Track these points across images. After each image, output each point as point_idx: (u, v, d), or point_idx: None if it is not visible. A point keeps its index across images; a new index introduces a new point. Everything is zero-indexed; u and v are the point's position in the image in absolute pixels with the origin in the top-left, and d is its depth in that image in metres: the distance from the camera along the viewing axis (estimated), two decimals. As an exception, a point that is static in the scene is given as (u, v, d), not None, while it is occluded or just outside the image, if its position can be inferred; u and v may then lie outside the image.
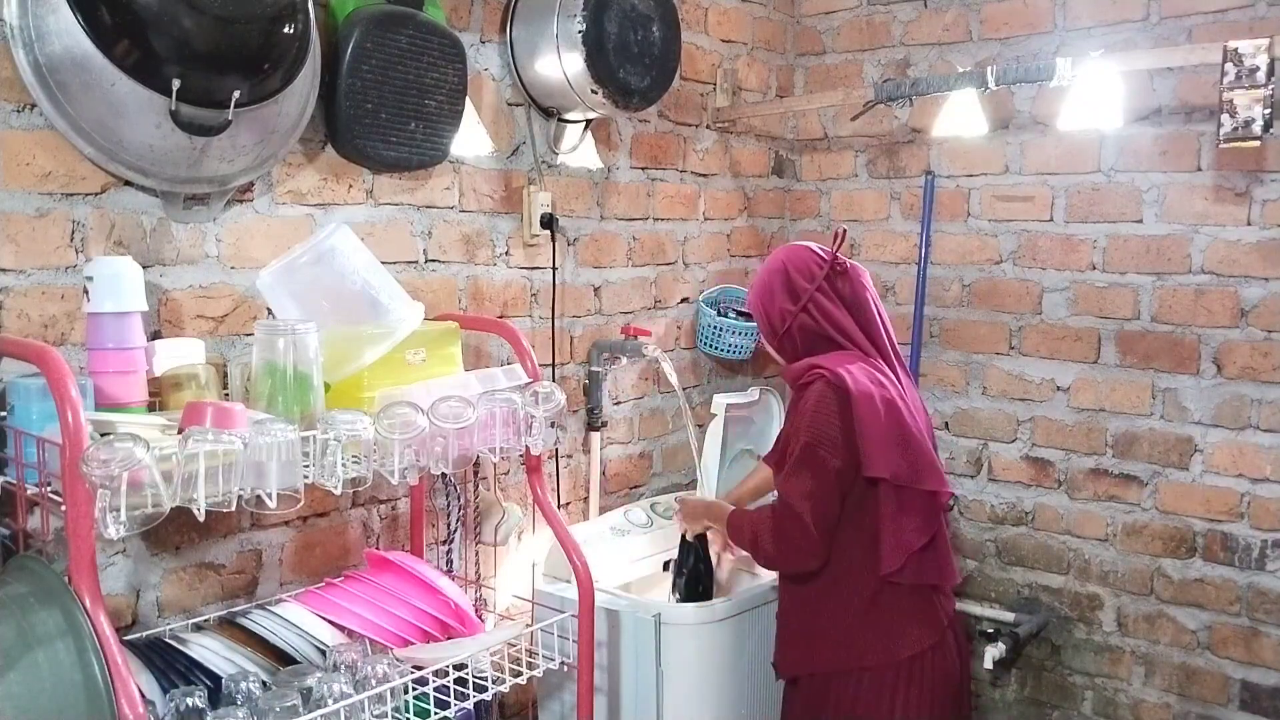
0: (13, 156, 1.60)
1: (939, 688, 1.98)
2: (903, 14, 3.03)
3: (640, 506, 2.63)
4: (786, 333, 2.04)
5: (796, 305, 2.02)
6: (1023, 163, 2.85)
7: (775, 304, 2.04)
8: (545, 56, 2.29)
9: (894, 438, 1.92)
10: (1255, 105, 2.14)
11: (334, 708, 1.53)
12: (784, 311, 2.03)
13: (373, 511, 2.16)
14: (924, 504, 1.95)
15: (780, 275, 2.05)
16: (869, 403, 1.91)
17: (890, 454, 1.91)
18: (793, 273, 2.04)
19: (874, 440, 1.90)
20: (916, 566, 1.95)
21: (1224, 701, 2.62)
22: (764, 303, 2.07)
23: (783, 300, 2.03)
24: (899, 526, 1.93)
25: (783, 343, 2.06)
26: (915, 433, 1.96)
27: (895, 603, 1.96)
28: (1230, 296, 2.55)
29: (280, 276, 1.73)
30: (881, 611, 1.96)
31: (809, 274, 2.03)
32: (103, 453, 1.25)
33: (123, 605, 1.77)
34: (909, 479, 1.93)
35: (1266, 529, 2.54)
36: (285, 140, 1.85)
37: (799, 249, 2.09)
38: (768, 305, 2.06)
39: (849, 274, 2.05)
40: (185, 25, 1.51)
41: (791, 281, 2.03)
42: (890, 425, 1.92)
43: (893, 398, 1.95)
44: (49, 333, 1.65)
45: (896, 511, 1.93)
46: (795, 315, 2.02)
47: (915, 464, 1.94)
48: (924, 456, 1.96)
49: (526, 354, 1.95)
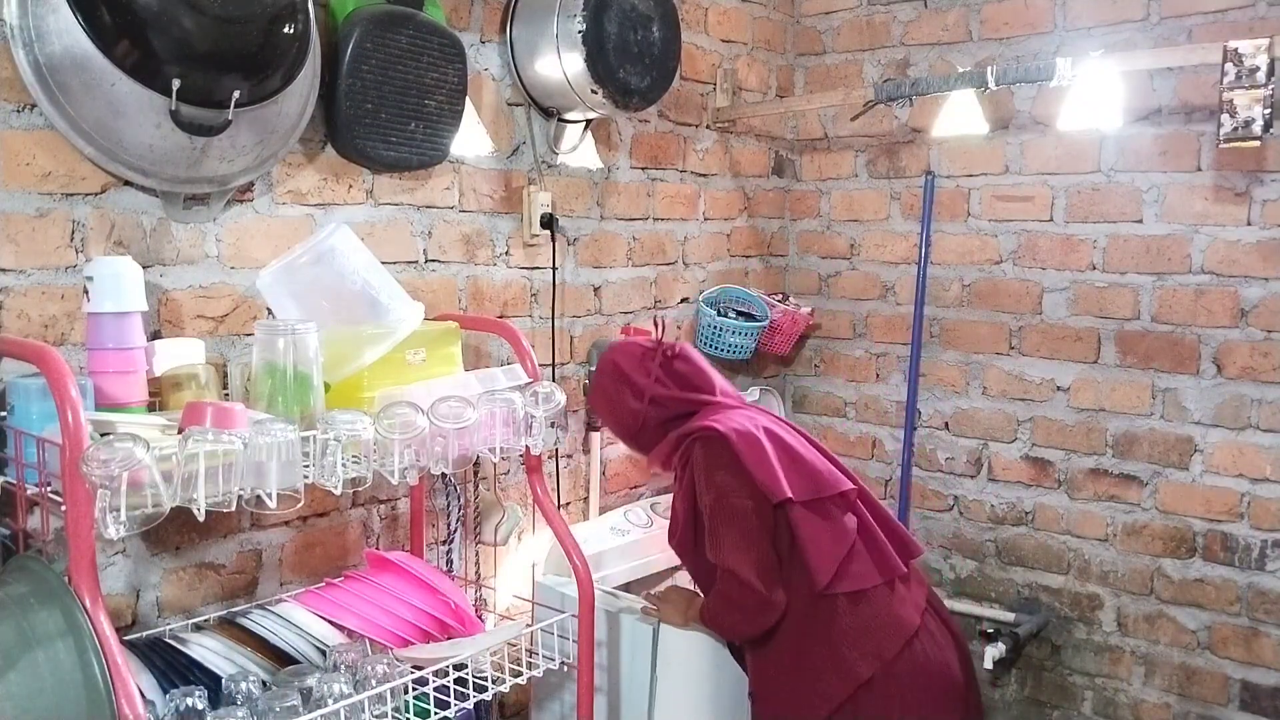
0: (13, 156, 1.60)
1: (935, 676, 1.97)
2: (903, 14, 3.03)
3: (640, 506, 2.63)
4: (642, 428, 2.07)
5: (642, 402, 2.05)
6: (1023, 163, 2.85)
7: (623, 405, 2.08)
8: (545, 56, 2.29)
9: (782, 460, 1.96)
10: (1255, 105, 2.14)
11: (334, 708, 1.53)
12: (632, 411, 2.07)
13: (373, 511, 2.16)
14: (834, 509, 1.97)
15: (616, 378, 2.09)
16: (747, 437, 1.95)
17: (787, 475, 1.94)
18: (628, 371, 2.08)
19: (766, 468, 1.93)
20: (856, 571, 1.95)
21: (1224, 701, 2.62)
22: (611, 408, 2.12)
23: (629, 400, 2.07)
24: (819, 540, 1.93)
25: (641, 439, 2.10)
26: (797, 447, 2.01)
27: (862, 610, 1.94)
28: (1230, 296, 2.55)
29: (280, 276, 1.73)
30: (853, 623, 1.93)
31: (644, 369, 2.07)
32: (103, 453, 1.25)
33: (123, 605, 1.77)
34: (811, 492, 1.96)
35: (1266, 529, 2.54)
36: (285, 140, 1.85)
37: (627, 345, 2.15)
38: (616, 410, 2.10)
39: (681, 355, 2.11)
40: (185, 25, 1.51)
41: (630, 380, 2.07)
42: (775, 449, 1.96)
43: (766, 424, 2.01)
44: (49, 333, 1.65)
45: (812, 527, 1.94)
46: (644, 411, 2.05)
47: (810, 476, 1.97)
48: (811, 466, 1.99)
49: (526, 354, 1.95)
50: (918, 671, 1.95)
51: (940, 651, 1.99)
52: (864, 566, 1.96)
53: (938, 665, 1.98)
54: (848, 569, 1.94)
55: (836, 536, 1.95)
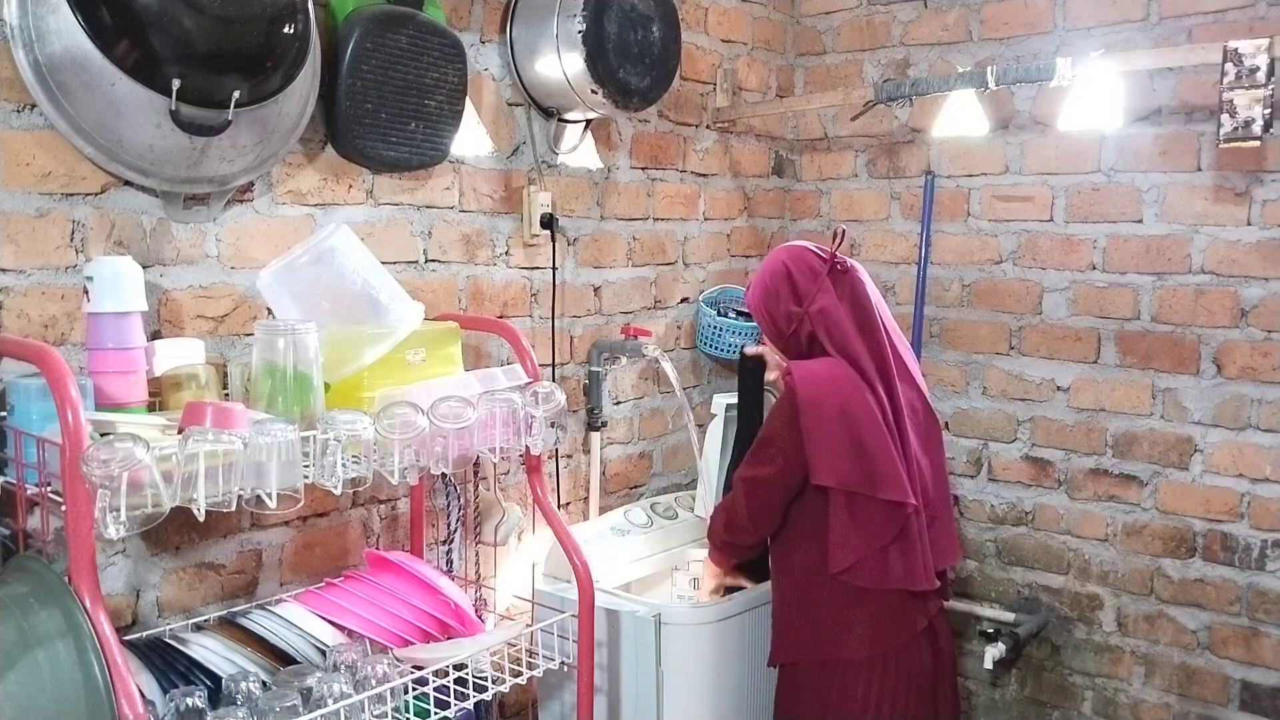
0: (13, 156, 1.60)
1: (914, 680, 2.02)
2: (903, 14, 3.03)
3: (640, 506, 2.63)
4: (793, 334, 2.04)
5: (802, 307, 2.01)
6: (1023, 163, 2.85)
7: (780, 306, 2.04)
8: (545, 56, 2.29)
9: (846, 447, 1.93)
10: (1255, 105, 2.14)
11: (334, 708, 1.53)
12: (789, 313, 2.03)
13: (373, 511, 2.16)
14: (880, 512, 1.95)
15: (783, 276, 2.04)
16: (817, 411, 1.94)
17: (840, 463, 1.93)
18: (795, 273, 2.03)
19: (821, 448, 1.93)
20: (878, 570, 1.96)
21: (1224, 701, 2.62)
22: (767, 305, 2.07)
23: (787, 302, 2.03)
24: (846, 531, 1.94)
25: (788, 344, 2.06)
26: (878, 441, 1.94)
27: (872, 601, 1.98)
28: (1230, 296, 2.55)
29: (280, 276, 1.73)
30: (860, 608, 1.98)
31: (811, 274, 2.02)
32: (103, 453, 1.25)
33: (123, 605, 1.77)
34: (863, 487, 1.93)
35: (1266, 529, 2.54)
36: (285, 140, 1.85)
37: (799, 249, 2.08)
38: (771, 307, 2.06)
39: (849, 273, 2.05)
40: (185, 25, 1.51)
41: (794, 282, 2.03)
42: (844, 434, 1.93)
43: (854, 405, 1.94)
44: (49, 333, 1.65)
45: (846, 517, 1.95)
46: (801, 317, 2.01)
47: (871, 473, 1.93)
48: (884, 466, 1.94)
49: (526, 354, 1.95)
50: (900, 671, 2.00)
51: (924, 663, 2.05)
52: (893, 570, 1.97)
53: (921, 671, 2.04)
54: (867, 565, 1.95)
55: (866, 535, 1.95)
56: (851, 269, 2.06)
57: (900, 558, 1.97)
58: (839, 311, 2.01)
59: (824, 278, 2.02)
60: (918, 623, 2.02)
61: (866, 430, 1.94)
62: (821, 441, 1.93)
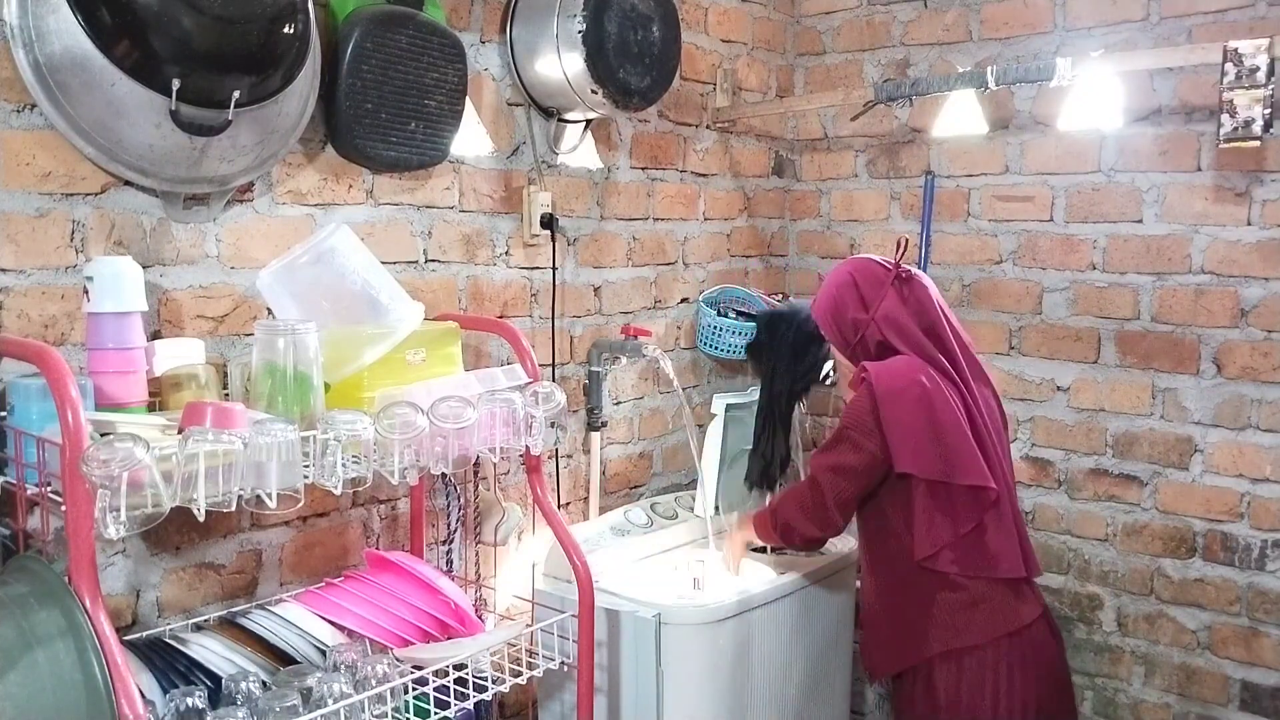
0: (13, 156, 1.60)
1: (1043, 667, 2.01)
2: (903, 14, 3.03)
3: (640, 506, 2.63)
4: (860, 341, 2.08)
5: (868, 314, 2.06)
6: (1023, 163, 2.85)
7: (847, 314, 2.09)
8: (545, 56, 2.29)
9: (925, 435, 1.96)
10: (1255, 105, 2.14)
11: (334, 708, 1.53)
12: (856, 321, 2.08)
13: (373, 511, 2.16)
14: (963, 498, 1.98)
15: (849, 287, 2.10)
16: (895, 400, 1.96)
17: (920, 451, 1.95)
18: (861, 283, 2.09)
19: (901, 436, 1.96)
20: (962, 558, 1.97)
21: (1224, 701, 2.62)
22: (835, 315, 2.12)
23: (854, 310, 2.08)
24: (930, 518, 1.97)
25: (855, 352, 2.10)
26: (955, 429, 1.97)
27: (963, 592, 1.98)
28: (1230, 296, 2.55)
29: (280, 276, 1.73)
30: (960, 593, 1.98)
31: (876, 281, 2.07)
32: (103, 453, 1.25)
33: (123, 605, 1.77)
34: (941, 474, 1.96)
35: (1266, 529, 2.54)
36: (285, 140, 1.85)
37: (863, 260, 2.15)
38: (838, 317, 2.11)
39: (914, 280, 2.09)
40: (185, 25, 1.51)
41: (861, 291, 2.08)
42: (923, 421, 1.96)
43: (930, 394, 1.97)
44: (49, 333, 1.65)
45: (929, 503, 1.97)
46: (867, 324, 2.06)
47: (950, 459, 1.96)
48: (962, 452, 1.97)
49: (526, 354, 1.95)
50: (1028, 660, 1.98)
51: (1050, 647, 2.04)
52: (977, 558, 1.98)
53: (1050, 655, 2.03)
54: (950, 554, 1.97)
55: (951, 522, 1.97)
56: (916, 276, 2.10)
57: (989, 544, 1.98)
58: (905, 316, 2.05)
59: (889, 285, 2.06)
60: (1027, 611, 2.01)
61: (943, 417, 1.97)
62: (901, 430, 1.96)
